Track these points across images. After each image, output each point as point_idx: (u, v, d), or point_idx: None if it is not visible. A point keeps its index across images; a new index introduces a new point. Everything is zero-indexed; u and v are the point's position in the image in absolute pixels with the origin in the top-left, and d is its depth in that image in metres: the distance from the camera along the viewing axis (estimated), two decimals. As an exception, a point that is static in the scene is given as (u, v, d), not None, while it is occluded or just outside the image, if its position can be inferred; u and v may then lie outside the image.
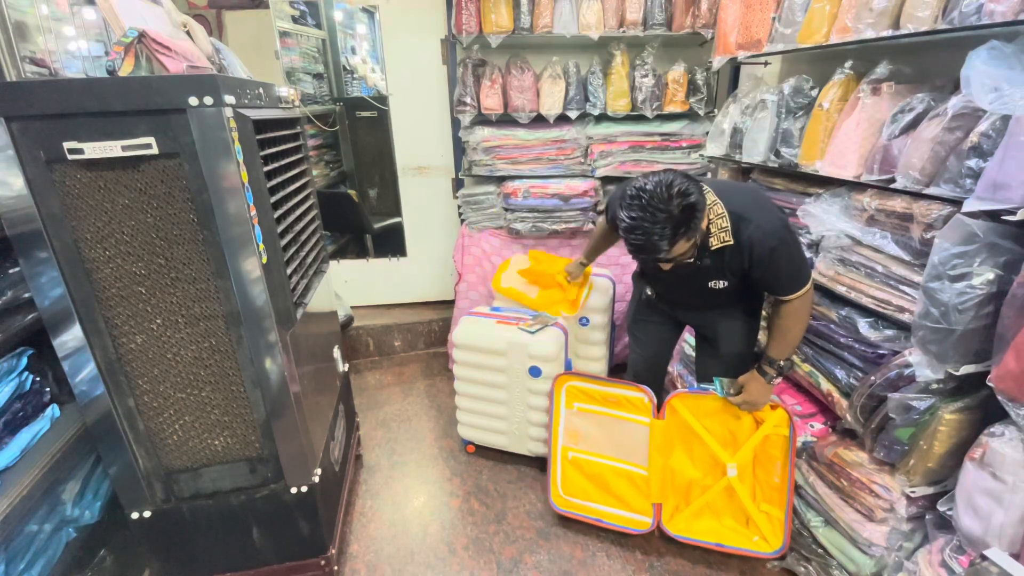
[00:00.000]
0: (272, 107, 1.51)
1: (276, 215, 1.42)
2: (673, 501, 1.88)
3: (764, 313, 1.88)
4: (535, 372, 2.10)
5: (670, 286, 1.81)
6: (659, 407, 1.87)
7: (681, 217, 1.33)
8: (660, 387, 1.95)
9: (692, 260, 1.49)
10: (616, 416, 1.94)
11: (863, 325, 1.54)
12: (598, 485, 1.97)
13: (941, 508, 1.36)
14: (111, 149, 1.13)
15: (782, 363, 1.63)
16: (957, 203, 1.24)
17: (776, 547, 1.74)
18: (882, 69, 1.56)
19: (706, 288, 1.63)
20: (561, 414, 2.03)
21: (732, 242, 1.49)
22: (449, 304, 3.48)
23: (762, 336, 1.90)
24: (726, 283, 1.60)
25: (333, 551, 1.67)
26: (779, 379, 1.68)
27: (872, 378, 1.47)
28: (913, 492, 1.43)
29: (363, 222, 3.68)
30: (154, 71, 1.22)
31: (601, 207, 2.84)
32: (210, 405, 1.40)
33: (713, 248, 1.52)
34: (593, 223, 2.83)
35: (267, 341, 1.35)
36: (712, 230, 1.50)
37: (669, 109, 2.72)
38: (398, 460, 2.41)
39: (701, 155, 2.71)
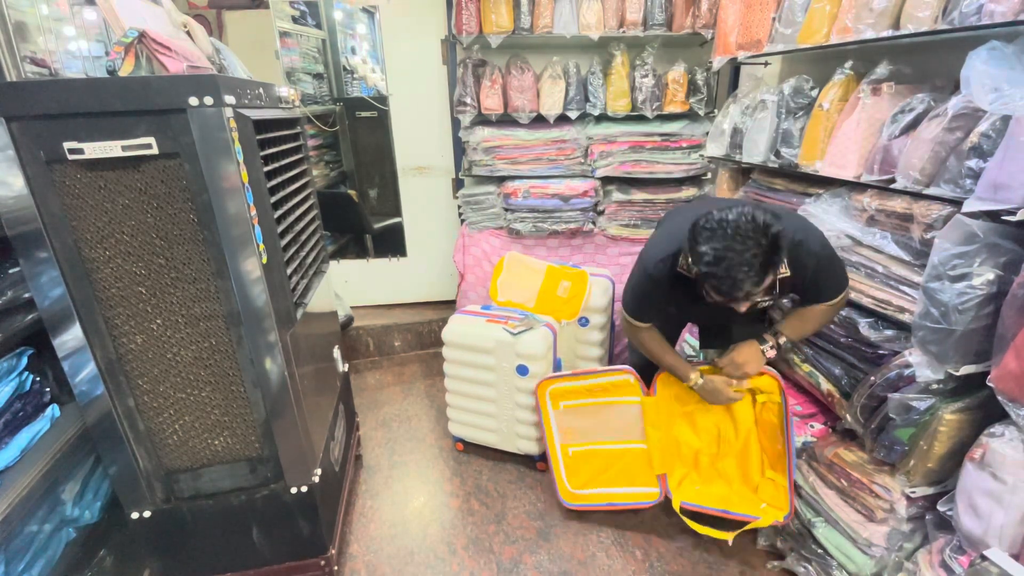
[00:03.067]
0: (272, 107, 1.51)
1: (276, 215, 1.42)
2: (681, 471, 1.88)
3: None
4: (522, 371, 2.09)
5: (702, 312, 1.69)
6: (649, 387, 1.86)
7: (770, 249, 1.24)
8: None
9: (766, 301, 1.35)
10: (606, 403, 1.94)
11: (863, 325, 1.54)
12: (603, 471, 1.98)
13: (941, 508, 1.36)
14: (111, 149, 1.13)
15: (783, 340, 1.61)
16: (957, 203, 1.24)
17: (783, 514, 1.72)
18: (882, 69, 1.57)
19: (743, 313, 1.49)
20: (551, 417, 2.04)
21: (789, 273, 1.42)
22: (449, 304, 3.49)
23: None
24: (766, 303, 1.55)
25: (333, 551, 1.67)
26: (773, 351, 1.63)
27: (872, 378, 1.47)
28: (913, 492, 1.43)
29: (363, 222, 3.68)
30: (154, 71, 1.22)
31: (602, 206, 2.83)
32: (210, 405, 1.40)
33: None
34: (593, 223, 2.82)
35: (267, 341, 1.35)
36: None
37: (669, 109, 2.71)
38: (398, 460, 2.41)
39: (701, 155, 2.71)
